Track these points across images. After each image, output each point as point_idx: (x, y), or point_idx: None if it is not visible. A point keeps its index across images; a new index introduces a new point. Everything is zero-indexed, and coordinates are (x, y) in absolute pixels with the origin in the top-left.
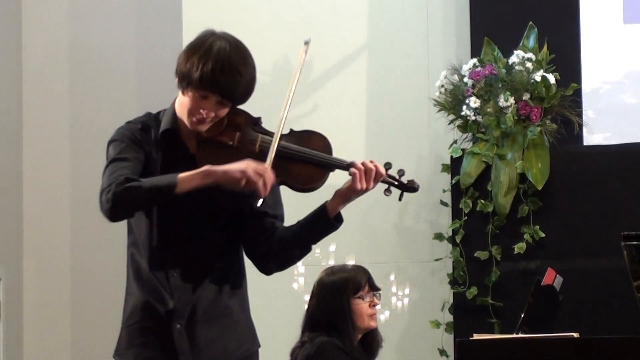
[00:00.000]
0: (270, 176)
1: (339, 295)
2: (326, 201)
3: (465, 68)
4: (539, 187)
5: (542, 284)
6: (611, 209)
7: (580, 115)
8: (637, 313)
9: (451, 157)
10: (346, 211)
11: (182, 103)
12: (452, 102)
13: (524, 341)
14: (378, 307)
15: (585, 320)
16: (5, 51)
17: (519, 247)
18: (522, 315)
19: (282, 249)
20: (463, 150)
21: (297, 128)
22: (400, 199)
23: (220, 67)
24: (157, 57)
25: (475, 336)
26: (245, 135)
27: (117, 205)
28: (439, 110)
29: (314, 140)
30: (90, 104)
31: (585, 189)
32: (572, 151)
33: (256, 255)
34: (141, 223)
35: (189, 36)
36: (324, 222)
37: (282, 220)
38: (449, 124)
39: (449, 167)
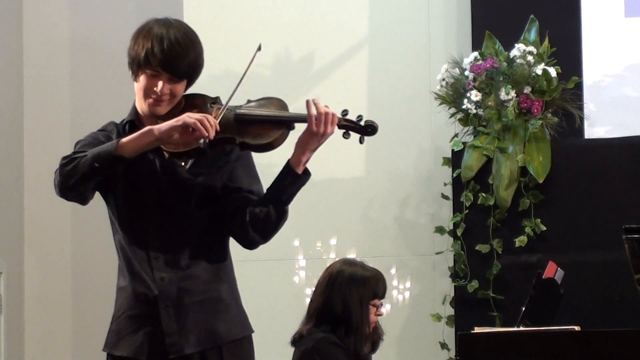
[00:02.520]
0: (211, 119)
1: (363, 292)
2: (289, 158)
3: (467, 61)
4: (540, 181)
5: (543, 277)
6: (612, 202)
7: (581, 108)
8: (638, 306)
9: (452, 150)
10: (347, 204)
11: (137, 90)
12: (453, 95)
13: (525, 334)
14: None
15: (586, 314)
16: (6, 45)
17: (520, 241)
18: (524, 309)
19: (257, 216)
20: (464, 143)
21: None
22: (361, 142)
23: (159, 42)
24: None
25: (477, 329)
26: (201, 111)
27: (63, 177)
28: (440, 104)
29: (270, 103)
30: (91, 98)
31: (587, 182)
32: (574, 144)
33: (235, 228)
34: (117, 211)
35: None
36: (291, 175)
37: (260, 196)
38: (450, 117)
39: (450, 160)
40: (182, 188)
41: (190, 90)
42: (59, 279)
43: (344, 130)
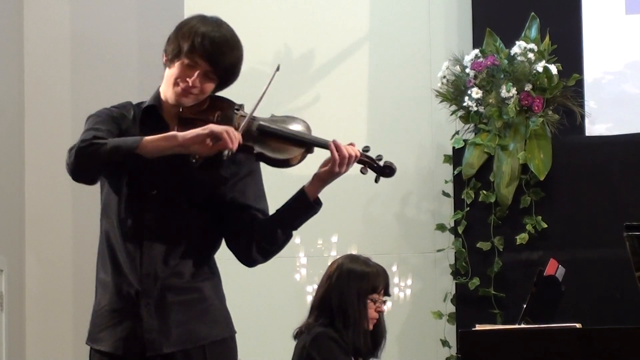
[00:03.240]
0: (236, 133)
1: (360, 287)
2: (304, 185)
3: (467, 59)
4: (541, 178)
5: (544, 274)
6: (613, 199)
7: (582, 105)
8: (639, 303)
9: (453, 147)
10: (348, 202)
11: (167, 77)
12: (454, 92)
13: (526, 332)
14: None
15: (587, 311)
16: (7, 42)
17: (521, 238)
18: (525, 306)
19: (264, 236)
20: (465, 141)
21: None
22: (376, 181)
23: (210, 36)
24: (158, 48)
25: (478, 327)
26: (225, 115)
27: (79, 160)
28: (441, 101)
29: (294, 121)
30: (92, 95)
31: (588, 179)
32: (574, 142)
33: (238, 245)
34: (117, 198)
35: None
36: (304, 204)
37: (265, 215)
38: (451, 114)
39: (451, 157)
40: (189, 185)
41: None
42: (60, 276)
43: (362, 166)
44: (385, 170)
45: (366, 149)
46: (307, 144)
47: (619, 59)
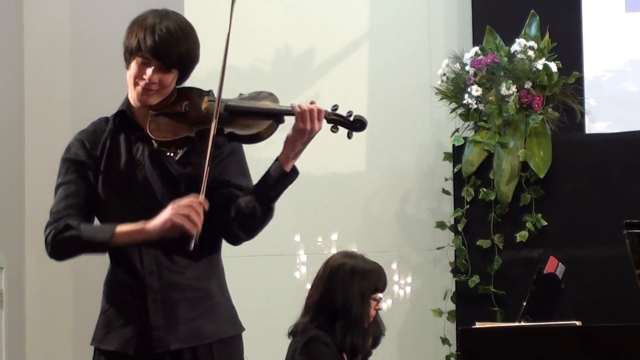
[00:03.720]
0: (199, 207)
1: (364, 286)
2: (278, 156)
3: (467, 56)
4: (541, 176)
5: (544, 272)
6: (613, 197)
7: (582, 103)
8: (639, 301)
9: (453, 145)
10: (348, 200)
11: (128, 79)
12: (453, 90)
13: (526, 329)
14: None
15: (587, 309)
16: (7, 41)
17: (521, 236)
18: (525, 304)
19: (243, 212)
20: (465, 138)
21: None
22: (349, 137)
23: (151, 30)
24: None
25: (478, 325)
26: (193, 102)
27: (55, 253)
28: (441, 99)
29: (261, 96)
30: (91, 94)
31: (588, 177)
32: (574, 139)
33: (219, 223)
34: (107, 204)
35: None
36: (279, 173)
37: (248, 192)
38: (451, 112)
39: (450, 155)
40: (171, 179)
41: (185, 84)
42: (60, 274)
43: (332, 125)
44: (356, 124)
45: (334, 107)
46: (273, 114)
47: (619, 56)
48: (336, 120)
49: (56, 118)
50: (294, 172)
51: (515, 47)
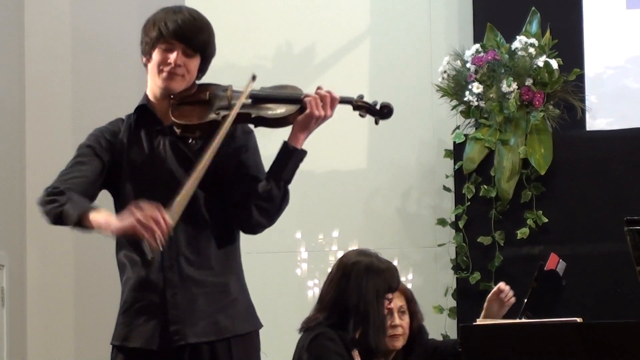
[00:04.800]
0: (164, 227)
1: (381, 286)
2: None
3: (468, 54)
4: (542, 173)
5: (545, 269)
6: (614, 194)
7: (583, 100)
8: None
9: (454, 142)
10: (349, 197)
11: (151, 70)
12: (454, 87)
13: (527, 326)
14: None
15: (588, 305)
16: (8, 38)
17: (522, 233)
18: (525, 301)
19: (260, 196)
20: (466, 135)
21: None
22: (376, 123)
23: (174, 17)
24: None
25: (479, 321)
26: (216, 91)
27: (48, 217)
28: (442, 96)
29: (284, 87)
30: (92, 92)
31: (589, 174)
32: (575, 136)
33: (240, 213)
34: (126, 197)
35: None
36: (288, 151)
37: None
38: (452, 109)
39: (451, 152)
40: (189, 167)
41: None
42: (61, 271)
43: (359, 111)
44: (384, 111)
45: (360, 96)
46: (298, 100)
47: (620, 53)
48: (363, 106)
49: (57, 115)
50: (303, 151)
51: (516, 44)
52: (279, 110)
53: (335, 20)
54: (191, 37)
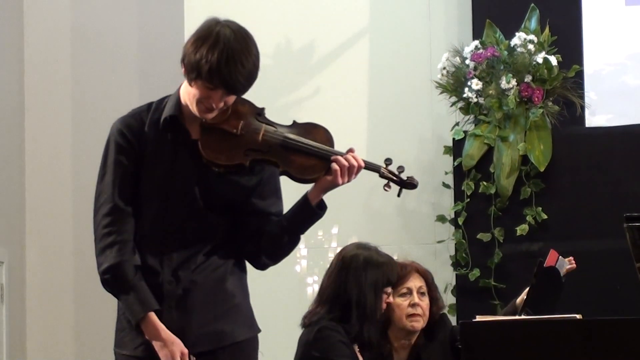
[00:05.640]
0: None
1: (380, 278)
2: (307, 191)
3: (467, 50)
4: (541, 169)
5: (544, 265)
6: (613, 190)
7: (582, 97)
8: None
9: (453, 139)
10: (348, 194)
11: (189, 92)
12: (454, 84)
13: (526, 323)
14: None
15: (587, 302)
16: (8, 36)
17: (522, 229)
18: (525, 297)
19: (271, 242)
20: (465, 132)
21: (299, 112)
22: (399, 195)
23: (225, 60)
24: (158, 41)
25: (478, 318)
26: (249, 125)
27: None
28: (441, 93)
29: (316, 132)
30: (92, 88)
31: (588, 170)
32: (575, 133)
33: (249, 250)
34: (143, 200)
35: (190, 20)
36: (308, 211)
37: (279, 216)
38: (451, 106)
39: (451, 149)
40: (212, 191)
41: None
42: (61, 268)
43: (385, 182)
44: (408, 186)
45: (388, 162)
46: (328, 160)
47: (619, 50)
48: (389, 178)
49: (56, 113)
50: (322, 208)
51: (515, 41)
52: (308, 169)
53: (334, 17)
54: (236, 84)
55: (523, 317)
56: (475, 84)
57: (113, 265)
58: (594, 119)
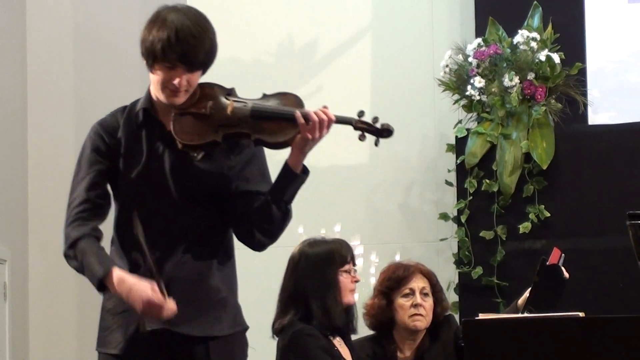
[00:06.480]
0: (166, 306)
1: (326, 266)
2: (287, 159)
3: (470, 48)
4: (544, 167)
5: (547, 263)
6: (616, 188)
7: (585, 94)
8: None
9: (456, 137)
10: (351, 192)
11: (153, 81)
12: (456, 82)
13: (529, 321)
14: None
15: (590, 300)
16: (10, 36)
17: (524, 227)
18: (527, 295)
19: (261, 217)
20: (468, 130)
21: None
22: (376, 144)
23: (175, 34)
24: None
25: (481, 316)
26: (217, 103)
27: (66, 258)
28: (444, 90)
29: (286, 98)
30: (94, 87)
31: (590, 168)
32: (577, 130)
33: (243, 231)
34: (121, 200)
35: None
36: (290, 176)
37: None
38: (454, 103)
39: (453, 147)
40: (191, 182)
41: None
42: (64, 266)
43: (360, 132)
44: (384, 133)
45: (360, 113)
46: (294, 120)
47: (622, 48)
48: (363, 128)
49: (59, 111)
50: (305, 173)
51: (517, 39)
52: (280, 132)
53: (337, 15)
54: (194, 57)
55: (526, 315)
56: (478, 82)
57: (74, 241)
58: (596, 116)
